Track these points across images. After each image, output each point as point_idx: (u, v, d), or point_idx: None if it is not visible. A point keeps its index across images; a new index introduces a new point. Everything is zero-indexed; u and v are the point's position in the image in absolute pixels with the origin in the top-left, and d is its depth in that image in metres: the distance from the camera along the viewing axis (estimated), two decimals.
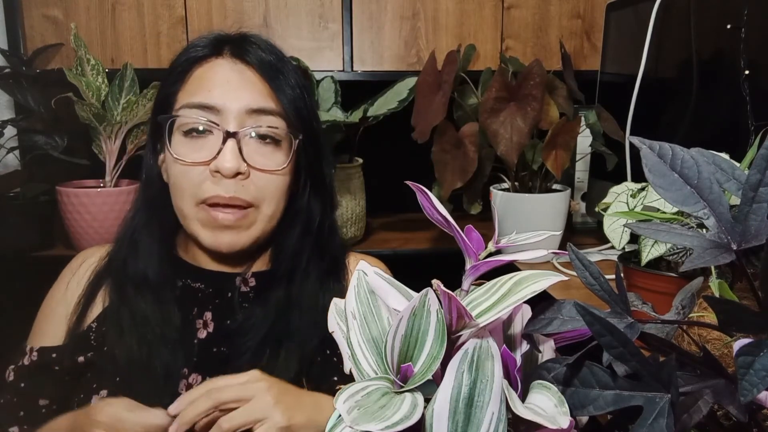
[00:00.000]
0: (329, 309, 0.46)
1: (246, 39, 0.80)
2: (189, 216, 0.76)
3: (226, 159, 0.73)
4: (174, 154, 0.75)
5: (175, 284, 0.80)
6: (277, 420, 0.64)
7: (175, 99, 0.78)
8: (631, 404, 0.34)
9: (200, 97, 0.75)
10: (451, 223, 0.42)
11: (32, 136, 1.47)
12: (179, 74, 0.78)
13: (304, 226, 0.82)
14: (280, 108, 0.77)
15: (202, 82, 0.76)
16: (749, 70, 1.05)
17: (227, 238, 0.76)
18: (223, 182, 0.74)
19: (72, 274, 0.83)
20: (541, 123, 1.31)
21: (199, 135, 0.75)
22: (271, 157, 0.77)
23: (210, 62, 0.78)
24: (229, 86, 0.76)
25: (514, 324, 0.43)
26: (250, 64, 0.77)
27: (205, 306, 0.80)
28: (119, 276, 0.80)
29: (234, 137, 0.74)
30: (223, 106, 0.75)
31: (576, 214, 1.61)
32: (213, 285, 0.81)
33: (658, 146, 0.38)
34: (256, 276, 0.83)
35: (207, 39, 0.80)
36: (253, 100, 0.76)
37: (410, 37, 1.64)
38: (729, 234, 0.35)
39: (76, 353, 0.76)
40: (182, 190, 0.76)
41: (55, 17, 1.54)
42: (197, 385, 0.74)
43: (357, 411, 0.33)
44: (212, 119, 0.75)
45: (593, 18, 1.67)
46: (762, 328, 0.33)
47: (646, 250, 0.85)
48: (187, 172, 0.75)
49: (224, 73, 0.76)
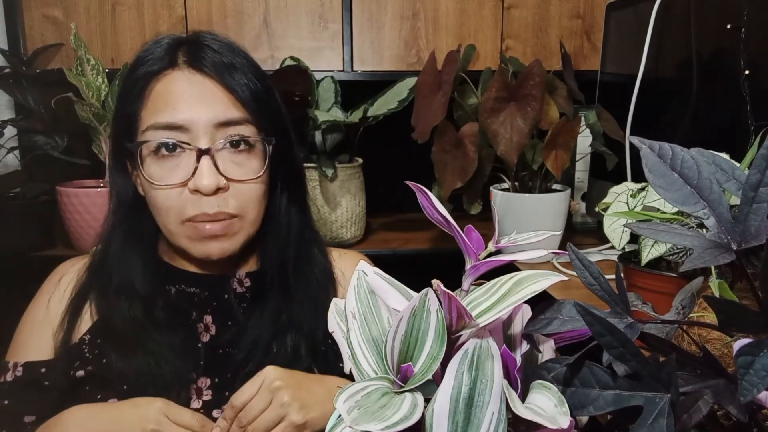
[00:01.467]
0: (329, 309, 0.46)
1: (199, 43, 0.76)
2: (175, 233, 0.76)
3: (204, 176, 0.72)
4: (149, 179, 0.74)
5: (167, 291, 0.80)
6: (294, 418, 0.67)
7: (139, 118, 0.75)
8: (631, 404, 0.34)
9: (165, 116, 0.73)
10: (451, 223, 0.42)
11: (32, 136, 1.47)
12: (138, 92, 0.75)
13: (285, 225, 0.83)
14: (247, 114, 0.75)
15: (163, 100, 0.73)
16: (749, 70, 1.05)
17: (216, 247, 0.76)
18: (204, 199, 0.73)
19: (54, 288, 0.82)
20: (541, 123, 1.31)
21: (170, 154, 0.73)
22: (247, 165, 0.76)
23: (167, 76, 0.74)
24: (193, 100, 0.73)
25: (514, 324, 0.43)
26: (206, 73, 0.74)
27: (203, 310, 0.80)
28: (105, 289, 0.79)
29: (207, 153, 0.72)
30: (190, 123, 0.72)
31: (576, 214, 1.61)
32: (208, 288, 0.81)
33: (658, 146, 0.38)
34: (250, 276, 0.84)
35: (160, 48, 0.76)
36: (219, 112, 0.73)
37: (410, 37, 1.64)
38: (729, 234, 0.35)
39: (70, 367, 0.74)
40: (165, 210, 0.75)
41: (55, 17, 1.54)
42: (206, 388, 0.75)
43: (357, 411, 0.33)
44: (182, 139, 0.73)
45: (593, 18, 1.67)
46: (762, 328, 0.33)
47: (646, 250, 0.85)
48: (167, 194, 0.74)
49: (183, 87, 0.73)
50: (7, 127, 1.44)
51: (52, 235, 1.49)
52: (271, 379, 0.68)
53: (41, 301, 0.82)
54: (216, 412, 0.74)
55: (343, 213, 1.48)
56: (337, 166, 1.43)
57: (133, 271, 0.78)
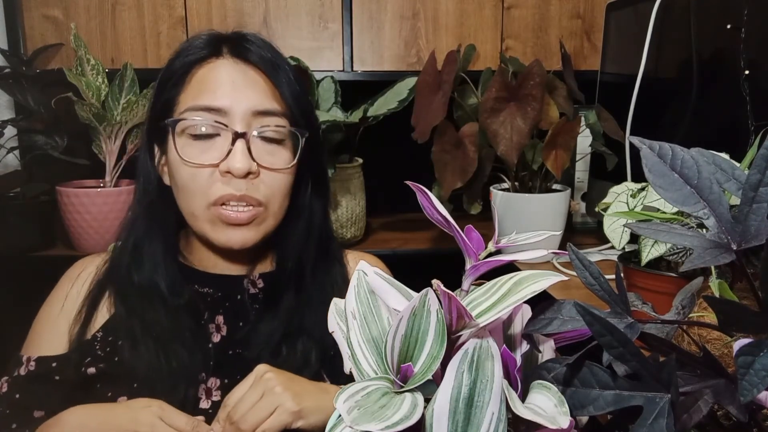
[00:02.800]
0: (329, 309, 0.46)
1: (244, 37, 0.79)
2: (200, 217, 0.76)
3: (237, 159, 0.73)
4: (183, 156, 0.75)
5: (183, 290, 0.80)
6: (288, 406, 0.67)
7: (176, 102, 0.77)
8: (631, 404, 0.34)
9: (206, 99, 0.75)
10: (451, 223, 0.42)
11: (32, 136, 1.47)
12: (179, 77, 0.77)
13: (307, 223, 0.83)
14: (285, 107, 0.78)
15: (205, 84, 0.76)
16: (749, 70, 1.05)
17: (239, 236, 0.76)
18: (234, 182, 0.74)
19: (71, 284, 0.82)
20: (541, 123, 1.31)
21: (205, 137, 0.75)
22: (279, 155, 0.77)
23: (211, 63, 0.77)
24: (234, 87, 0.75)
25: (514, 324, 0.43)
26: (252, 63, 0.77)
27: (215, 310, 0.80)
28: (124, 284, 0.79)
29: (243, 137, 0.74)
30: (230, 107, 0.75)
31: (576, 214, 1.61)
32: (221, 289, 0.81)
33: (658, 146, 0.38)
34: (263, 277, 0.84)
35: (204, 39, 0.79)
36: (259, 101, 0.76)
37: (410, 37, 1.64)
38: (729, 234, 0.35)
39: (82, 363, 0.75)
40: (192, 192, 0.75)
41: (55, 17, 1.54)
42: (216, 389, 0.75)
43: (357, 411, 0.33)
44: (220, 120, 0.75)
45: (593, 18, 1.67)
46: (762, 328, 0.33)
47: (646, 250, 0.85)
48: (197, 174, 0.75)
49: (228, 73, 0.76)
50: (7, 127, 1.44)
51: (52, 235, 1.49)
52: (262, 371, 0.68)
53: (58, 295, 0.82)
54: None
55: (343, 213, 1.48)
56: (337, 166, 1.43)
57: (154, 268, 0.79)
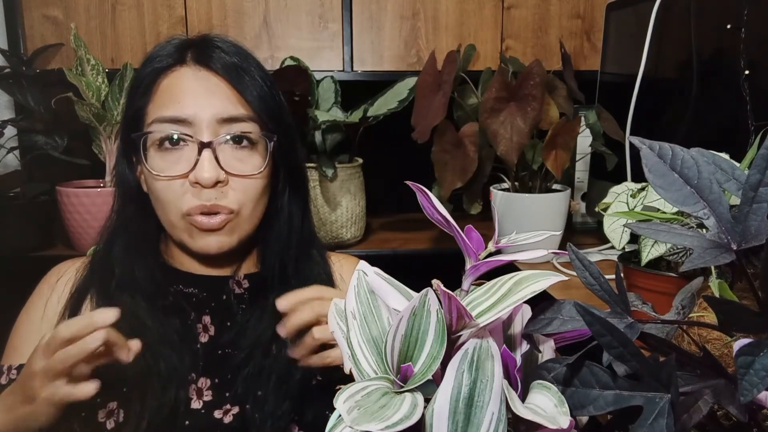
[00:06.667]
0: (329, 309, 0.46)
1: (208, 42, 0.78)
2: (176, 226, 0.77)
3: (204, 169, 0.73)
4: (152, 170, 0.75)
5: (168, 291, 0.80)
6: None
7: (145, 113, 0.77)
8: (631, 404, 0.34)
9: (170, 110, 0.75)
10: (451, 223, 0.42)
11: (32, 136, 1.47)
12: (146, 86, 0.77)
13: (287, 224, 0.83)
14: (251, 112, 0.77)
15: (169, 94, 0.76)
16: (749, 70, 1.05)
17: (215, 241, 0.76)
18: (204, 192, 0.74)
19: (50, 290, 0.81)
20: (541, 123, 1.31)
21: (173, 147, 0.75)
22: (248, 161, 0.77)
23: (174, 72, 0.77)
24: (197, 95, 0.75)
25: (514, 324, 0.43)
26: (214, 70, 0.76)
27: (201, 310, 0.80)
28: (107, 288, 0.78)
29: (209, 147, 0.74)
30: (194, 116, 0.74)
31: (576, 214, 1.61)
32: (206, 289, 0.81)
33: (658, 146, 0.38)
34: (248, 278, 0.84)
35: (170, 46, 0.79)
36: (223, 108, 0.75)
37: (410, 37, 1.64)
38: (729, 234, 0.35)
39: None
40: (166, 203, 0.76)
41: (55, 17, 1.54)
42: (207, 389, 0.75)
43: (357, 411, 0.33)
44: (185, 131, 0.75)
45: (593, 18, 1.67)
46: (762, 328, 0.33)
47: (646, 250, 0.85)
48: (169, 185, 0.75)
49: (190, 82, 0.76)
50: (7, 127, 1.44)
51: (52, 235, 1.49)
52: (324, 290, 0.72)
53: (37, 302, 0.81)
54: (217, 413, 0.74)
55: (343, 213, 1.48)
56: (337, 166, 1.43)
57: (135, 270, 0.78)
